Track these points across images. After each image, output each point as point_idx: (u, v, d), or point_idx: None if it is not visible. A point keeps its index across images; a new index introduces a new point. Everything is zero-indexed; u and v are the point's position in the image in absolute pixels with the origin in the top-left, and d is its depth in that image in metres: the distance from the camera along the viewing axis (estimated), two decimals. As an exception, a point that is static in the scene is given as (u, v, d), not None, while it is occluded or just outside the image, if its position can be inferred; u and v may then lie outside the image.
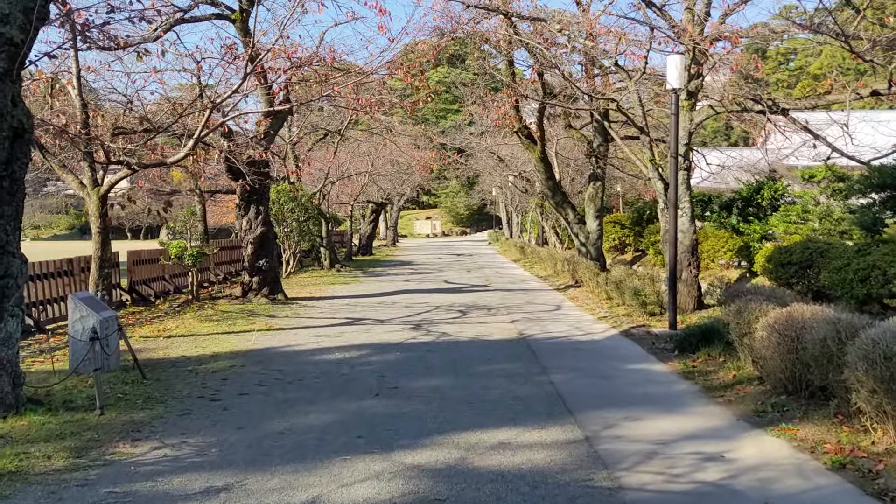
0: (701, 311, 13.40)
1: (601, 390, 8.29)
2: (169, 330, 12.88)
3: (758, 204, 15.29)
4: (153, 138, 11.30)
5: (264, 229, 17.31)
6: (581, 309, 15.75)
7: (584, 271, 18.83)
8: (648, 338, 11.74)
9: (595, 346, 11.10)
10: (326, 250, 28.11)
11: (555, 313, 15.09)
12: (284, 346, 11.28)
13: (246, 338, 12.02)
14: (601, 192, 21.22)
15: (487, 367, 9.51)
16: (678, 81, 11.82)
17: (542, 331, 12.65)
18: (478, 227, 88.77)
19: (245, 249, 17.44)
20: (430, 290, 20.21)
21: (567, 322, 13.70)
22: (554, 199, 21.34)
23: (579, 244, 21.42)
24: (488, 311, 15.38)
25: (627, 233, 24.18)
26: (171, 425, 6.89)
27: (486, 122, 30.69)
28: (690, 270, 13.22)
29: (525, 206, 47.10)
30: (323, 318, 14.58)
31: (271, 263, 17.51)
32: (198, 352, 10.78)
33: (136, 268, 16.97)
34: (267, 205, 17.62)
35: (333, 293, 19.59)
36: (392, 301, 17.38)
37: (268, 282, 17.49)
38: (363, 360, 10.03)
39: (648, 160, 13.64)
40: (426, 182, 48.55)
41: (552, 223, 31.29)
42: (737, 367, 8.88)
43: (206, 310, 15.75)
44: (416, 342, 11.46)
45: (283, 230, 24.16)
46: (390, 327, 13.10)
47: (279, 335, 12.28)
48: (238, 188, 17.07)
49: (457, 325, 13.42)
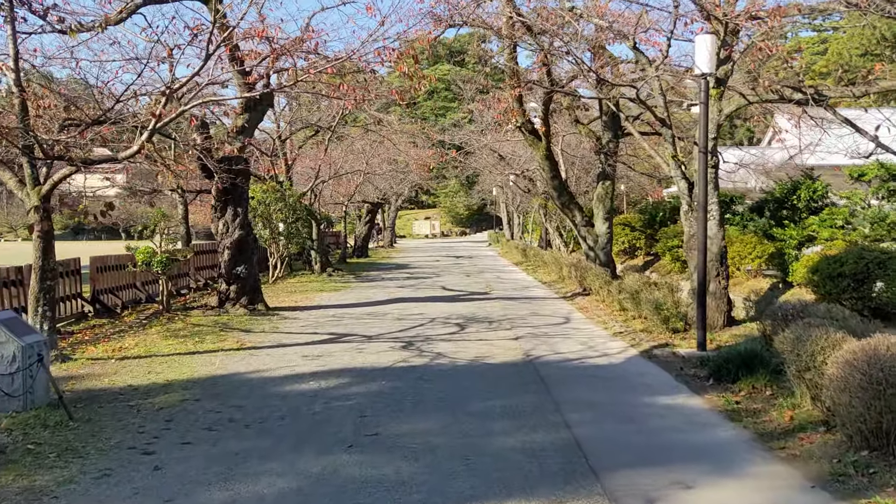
0: (731, 328, 11.82)
1: (630, 437, 6.71)
2: (125, 349, 11.29)
3: (793, 206, 13.72)
4: (98, 131, 9.69)
5: (242, 233, 15.72)
6: (592, 322, 14.16)
7: (593, 278, 17.25)
8: (675, 361, 10.16)
9: (615, 373, 9.51)
10: (317, 253, 26.52)
11: (563, 327, 13.51)
12: (253, 371, 9.69)
13: (211, 360, 10.44)
14: (611, 191, 19.64)
15: (489, 402, 7.93)
16: (708, 65, 10.24)
17: (550, 350, 11.07)
18: (478, 227, 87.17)
19: (221, 255, 15.86)
20: (426, 298, 18.63)
21: (578, 339, 12.12)
22: (560, 200, 19.75)
23: (587, 248, 19.84)
24: (489, 325, 13.80)
25: (638, 236, 22.59)
26: (79, 496, 5.31)
27: (487, 119, 29.13)
28: (719, 281, 11.64)
29: (526, 207, 45.51)
30: (304, 333, 12.99)
31: (250, 270, 15.93)
32: (149, 379, 9.19)
33: (101, 275, 15.38)
34: (246, 206, 16.04)
35: (320, 302, 18.00)
36: (383, 312, 15.79)
37: (247, 290, 15.90)
38: (341, 393, 8.44)
39: (671, 156, 12.06)
40: (424, 181, 46.94)
41: (556, 225, 29.70)
42: (792, 406, 7.30)
43: (176, 323, 14.16)
44: (407, 366, 9.87)
45: (269, 232, 22.60)
46: (378, 346, 11.51)
47: (250, 356, 10.69)
48: (213, 188, 15.50)
49: (454, 342, 11.83)
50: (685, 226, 12.28)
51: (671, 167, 12.17)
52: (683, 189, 12.15)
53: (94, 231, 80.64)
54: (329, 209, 40.75)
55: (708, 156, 10.58)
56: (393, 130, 30.31)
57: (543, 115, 18.40)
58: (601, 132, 19.85)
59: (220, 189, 15.30)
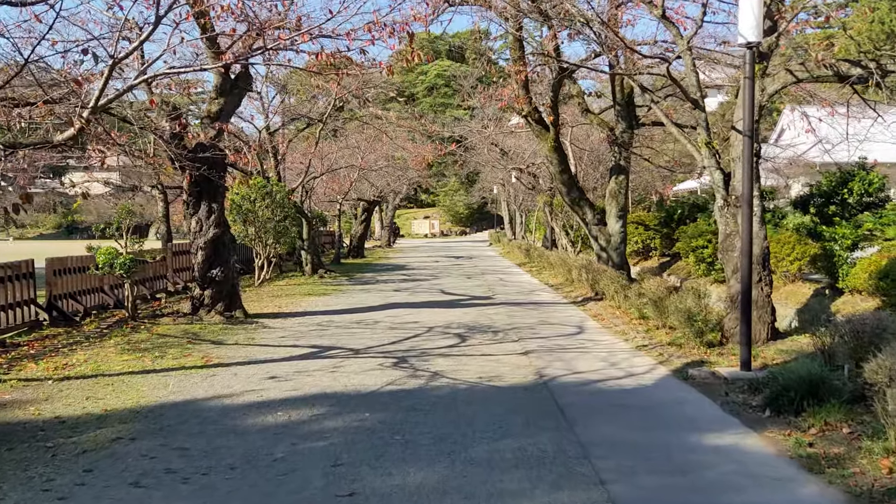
0: (776, 341, 10.20)
1: (684, 499, 5.10)
2: (70, 367, 9.68)
3: (843, 201, 12.10)
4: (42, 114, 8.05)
5: (218, 231, 14.10)
6: (609, 332, 12.56)
7: (607, 282, 15.63)
8: (716, 384, 8.55)
9: (647, 399, 7.90)
10: (308, 254, 24.89)
11: (578, 339, 11.90)
12: (212, 396, 8.08)
13: (166, 381, 8.82)
14: (625, 187, 18.03)
15: (498, 443, 6.31)
16: (754, 32, 8.62)
17: (566, 369, 9.45)
18: (478, 226, 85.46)
19: (195, 256, 14.24)
20: (423, 303, 17.01)
21: (597, 353, 10.51)
22: (569, 196, 18.14)
23: (598, 248, 18.23)
24: (494, 336, 12.18)
25: (652, 235, 20.95)
26: None
27: (488, 113, 27.56)
28: (761, 288, 10.02)
29: (529, 205, 43.89)
30: (282, 346, 11.38)
31: (227, 273, 14.30)
32: (85, 408, 7.58)
33: (60, 279, 13.76)
34: (222, 201, 14.42)
35: (307, 307, 16.37)
36: (375, 320, 14.18)
37: (223, 295, 14.28)
38: (314, 429, 6.82)
39: (703, 143, 10.44)
40: (423, 179, 45.27)
41: (562, 223, 28.07)
42: (886, 451, 5.70)
43: (140, 332, 12.55)
44: (397, 391, 8.25)
45: (255, 231, 20.98)
46: (365, 362, 9.90)
47: (213, 377, 9.07)
48: (185, 181, 13.88)
49: (453, 358, 10.22)
50: (720, 224, 10.67)
51: (704, 156, 10.55)
52: (718, 181, 10.53)
53: (87, 230, 79.02)
54: (323, 207, 39.16)
55: (753, 141, 8.95)
56: (388, 122, 28.69)
57: (552, 102, 16.80)
58: (614, 122, 18.24)
59: (192, 182, 13.69)
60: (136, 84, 8.34)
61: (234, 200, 20.76)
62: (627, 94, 17.83)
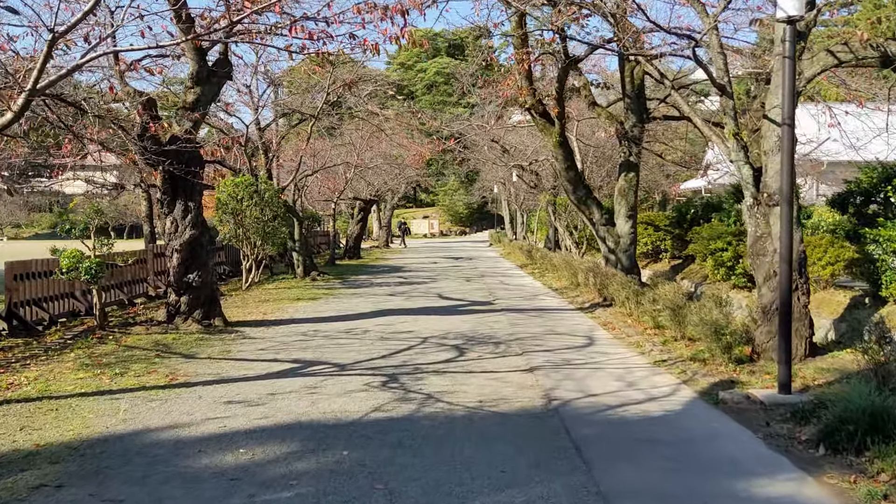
0: (815, 358, 9.05)
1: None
2: (14, 387, 8.53)
3: (886, 199, 10.93)
4: None
5: (195, 232, 12.95)
6: (622, 343, 11.41)
7: (617, 287, 14.47)
8: (752, 409, 7.41)
9: (677, 432, 6.74)
10: (300, 255, 23.72)
11: (589, 352, 10.74)
12: (166, 426, 6.92)
13: (120, 405, 7.68)
14: (635, 184, 16.85)
15: (501, 493, 5.16)
16: (796, 6, 7.48)
17: (578, 390, 8.30)
18: (478, 226, 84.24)
19: (170, 259, 13.09)
20: (419, 310, 15.86)
21: (611, 370, 9.36)
22: (575, 195, 16.98)
23: (606, 250, 17.07)
24: (495, 348, 11.04)
25: (663, 236, 19.78)
26: None
27: (489, 110, 26.40)
28: (798, 297, 8.86)
29: (531, 205, 42.71)
30: (260, 360, 10.23)
31: (206, 277, 13.15)
32: (15, 442, 6.43)
33: (22, 284, 12.61)
34: (199, 200, 13.26)
35: (294, 314, 15.22)
36: (366, 329, 13.02)
37: (201, 302, 13.13)
38: (280, 473, 5.66)
39: (731, 134, 9.29)
40: (421, 178, 44.06)
41: (566, 223, 26.90)
42: None
43: (107, 344, 11.41)
44: (383, 419, 7.10)
45: (242, 232, 19.84)
46: (350, 381, 8.74)
47: (175, 399, 7.92)
48: (158, 178, 12.74)
49: (450, 375, 9.07)
50: (749, 225, 9.51)
51: (731, 149, 9.40)
52: (748, 177, 9.38)
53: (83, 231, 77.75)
54: (319, 207, 38.01)
55: (793, 130, 7.80)
56: (386, 119, 27.52)
57: (557, 93, 15.65)
58: (623, 116, 17.08)
59: (166, 178, 12.56)
60: (81, 64, 7.18)
61: (220, 199, 19.64)
62: (638, 86, 16.66)
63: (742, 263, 13.32)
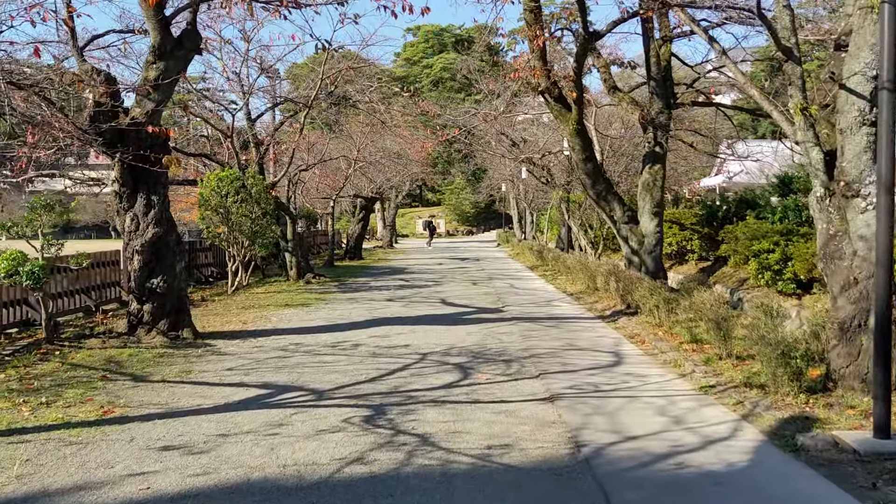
0: (909, 387, 7.26)
1: None
2: None
3: None
4: None
5: (159, 231, 11.24)
6: (656, 362, 9.66)
7: (644, 294, 12.70)
8: (844, 460, 5.65)
9: (752, 497, 4.97)
10: (293, 256, 21.99)
11: (618, 374, 8.97)
12: (72, 488, 5.20)
13: (24, 452, 5.96)
14: (661, 178, 15.08)
15: None
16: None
17: (612, 429, 6.55)
18: (486, 226, 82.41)
19: (130, 261, 11.39)
20: (419, 318, 14.12)
21: (650, 400, 7.60)
22: (594, 189, 15.21)
23: (629, 251, 15.30)
24: (506, 368, 9.29)
25: (689, 236, 17.95)
26: None
27: (495, 104, 24.65)
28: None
29: (540, 203, 40.91)
30: (222, 384, 8.50)
31: (172, 283, 11.44)
32: None
33: (-40, 290, 10.95)
34: (165, 193, 11.55)
35: (277, 323, 13.50)
36: (356, 342, 11.29)
37: (167, 311, 11.42)
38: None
39: (798, 108, 7.50)
40: (426, 174, 42.23)
41: (580, 222, 25.08)
42: None
43: (50, 361, 9.72)
44: (359, 479, 5.35)
45: (227, 230, 18.16)
46: (326, 417, 7.00)
47: (98, 442, 6.20)
48: (115, 167, 11.04)
49: (450, 408, 7.31)
50: (819, 221, 7.73)
51: (798, 127, 7.62)
52: (817, 162, 7.60)
53: (83, 230, 76.57)
54: (317, 205, 36.32)
55: (894, 95, 6.02)
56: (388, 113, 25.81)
57: (575, 74, 13.88)
58: (648, 101, 15.31)
59: (125, 169, 10.86)
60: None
61: (202, 195, 17.97)
62: (665, 67, 14.91)
63: (791, 267, 11.54)
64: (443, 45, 78.01)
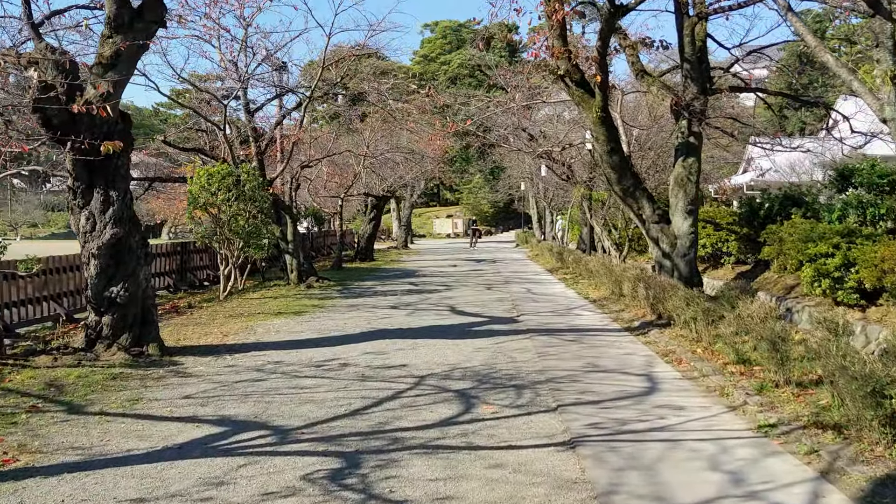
0: None
1: None
2: None
3: None
4: None
5: (118, 231, 9.77)
6: (698, 388, 8.03)
7: (678, 303, 11.06)
8: None
9: None
10: (293, 259, 20.51)
11: (653, 405, 7.34)
12: None
13: None
14: (696, 172, 13.42)
15: None
16: None
17: (654, 496, 4.96)
18: (504, 226, 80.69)
19: (86, 266, 9.93)
20: (423, 329, 12.58)
21: (697, 446, 5.99)
22: (620, 185, 13.59)
23: (659, 254, 13.66)
24: (517, 397, 7.71)
25: (724, 236, 16.21)
26: None
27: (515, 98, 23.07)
28: None
29: (560, 202, 39.19)
30: (171, 418, 6.99)
31: (135, 291, 9.96)
32: None
33: None
34: (126, 188, 10.07)
35: (262, 335, 12.00)
36: (345, 360, 9.76)
37: (129, 324, 9.95)
38: None
39: (887, 77, 5.85)
40: (442, 172, 40.59)
41: (603, 221, 23.39)
42: None
43: (-18, 385, 8.27)
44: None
45: (219, 230, 16.74)
46: (282, 470, 5.47)
47: (-28, 512, 4.72)
48: (67, 158, 9.58)
49: (443, 458, 5.75)
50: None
51: (886, 101, 5.96)
52: (913, 144, 5.95)
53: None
54: (327, 204, 34.88)
55: None
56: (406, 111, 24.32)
57: (599, 54, 12.26)
58: (681, 86, 13.66)
59: (79, 160, 9.40)
60: None
61: (191, 192, 16.55)
62: (700, 48, 13.25)
63: (855, 274, 9.85)
64: (461, 42, 76.39)
